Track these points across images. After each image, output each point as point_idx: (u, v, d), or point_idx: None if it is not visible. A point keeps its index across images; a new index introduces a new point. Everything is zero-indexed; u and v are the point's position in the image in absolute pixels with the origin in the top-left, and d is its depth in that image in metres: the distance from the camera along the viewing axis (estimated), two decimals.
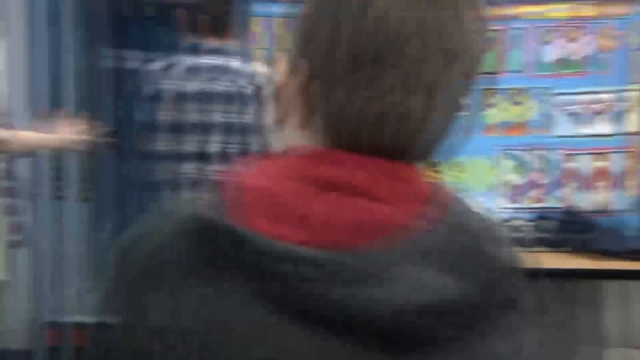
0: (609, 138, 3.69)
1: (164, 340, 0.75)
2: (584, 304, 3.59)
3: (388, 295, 0.74)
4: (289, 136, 0.89)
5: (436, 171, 0.92)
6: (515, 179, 3.71)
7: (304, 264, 0.74)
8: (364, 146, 0.82)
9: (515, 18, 3.65)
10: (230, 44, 3.05)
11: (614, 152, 3.69)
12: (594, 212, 3.66)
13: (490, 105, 3.68)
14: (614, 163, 3.69)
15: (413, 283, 0.75)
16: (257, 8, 3.61)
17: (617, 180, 3.70)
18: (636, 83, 3.66)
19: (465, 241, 0.81)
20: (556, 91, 3.68)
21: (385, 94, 0.81)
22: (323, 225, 0.77)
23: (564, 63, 3.68)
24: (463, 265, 0.79)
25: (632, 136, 3.69)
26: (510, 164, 3.70)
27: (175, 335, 0.74)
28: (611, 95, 3.68)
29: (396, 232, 0.78)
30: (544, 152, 3.69)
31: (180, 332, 0.74)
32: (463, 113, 0.86)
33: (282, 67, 0.90)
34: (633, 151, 3.68)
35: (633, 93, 3.67)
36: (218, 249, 0.76)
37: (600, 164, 3.70)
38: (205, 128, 3.01)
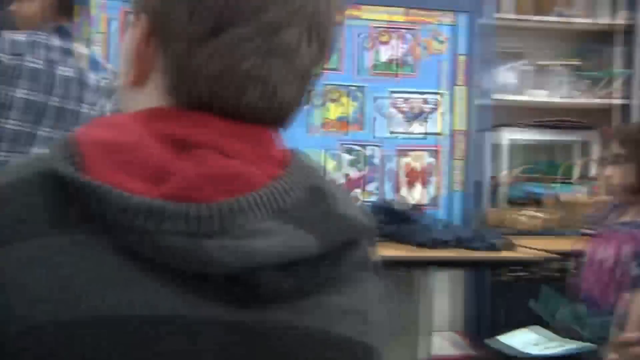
0: (436, 137, 3.81)
1: (19, 294, 0.72)
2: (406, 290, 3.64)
3: (248, 248, 0.74)
4: (132, 97, 0.87)
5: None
6: (352, 172, 3.73)
7: (159, 216, 0.73)
8: (214, 107, 0.81)
9: (351, 18, 3.65)
10: (69, 25, 2.95)
11: (428, 150, 3.81)
12: (410, 206, 3.69)
13: (331, 101, 3.70)
14: (427, 162, 3.81)
15: (270, 237, 0.76)
16: None
17: (429, 178, 3.82)
18: (460, 86, 3.81)
19: (322, 202, 0.82)
20: (382, 92, 3.73)
21: (226, 54, 0.80)
22: (178, 179, 0.75)
23: (388, 65, 3.74)
24: (320, 224, 0.80)
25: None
26: (346, 158, 3.71)
27: (31, 289, 0.71)
28: (437, 96, 3.80)
29: (254, 189, 0.77)
30: (372, 149, 3.74)
31: (35, 285, 0.71)
32: (313, 84, 0.87)
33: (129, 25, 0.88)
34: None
35: (456, 94, 3.82)
36: (71, 203, 0.74)
37: (415, 162, 3.79)
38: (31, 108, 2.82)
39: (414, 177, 3.80)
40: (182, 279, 0.73)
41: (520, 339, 2.68)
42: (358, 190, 3.72)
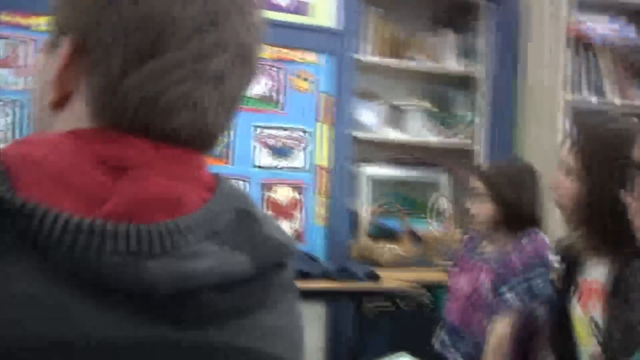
0: (302, 171, 3.87)
1: None
2: None
3: (188, 269, 0.74)
4: (50, 120, 0.84)
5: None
6: None
7: (100, 237, 0.71)
8: (142, 130, 0.79)
9: None
10: None
11: (292, 185, 3.86)
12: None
13: None
14: (291, 196, 3.86)
15: (207, 258, 0.75)
16: None
17: (293, 212, 3.86)
18: (324, 123, 3.89)
19: (251, 225, 0.82)
20: (248, 126, 3.76)
21: (158, 79, 0.79)
22: (117, 200, 0.74)
23: (254, 100, 3.75)
24: (252, 246, 0.80)
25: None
26: None
27: None
28: (301, 132, 3.87)
29: (190, 211, 0.77)
30: (245, 182, 3.76)
31: None
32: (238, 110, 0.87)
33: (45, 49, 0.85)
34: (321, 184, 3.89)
35: (319, 131, 3.89)
36: (1, 224, 0.70)
37: (280, 196, 3.84)
38: None
39: (278, 211, 3.82)
40: (122, 299, 0.71)
41: None
42: None
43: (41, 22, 3.38)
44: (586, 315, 1.92)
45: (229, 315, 0.77)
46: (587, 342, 1.88)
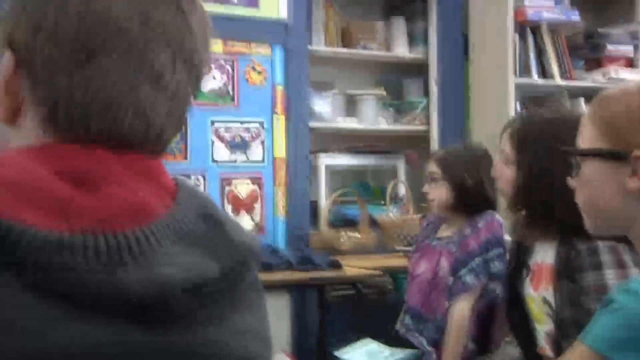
0: (260, 164, 3.88)
1: None
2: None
3: (158, 275, 0.74)
4: (8, 134, 0.83)
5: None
6: None
7: (69, 251, 0.71)
8: (91, 138, 0.79)
9: None
10: None
11: (251, 178, 3.86)
12: (249, 231, 3.70)
13: None
14: (250, 189, 3.86)
15: (176, 263, 0.76)
16: None
17: (254, 205, 3.86)
18: (279, 115, 3.90)
19: (216, 229, 0.83)
20: (204, 122, 3.75)
21: (94, 82, 0.78)
22: (85, 213, 0.74)
23: (209, 95, 3.75)
24: (218, 250, 0.81)
25: (278, 162, 3.91)
26: None
27: None
28: (257, 125, 3.88)
29: (156, 219, 0.78)
30: (196, 179, 3.74)
31: None
32: (186, 110, 0.87)
33: None
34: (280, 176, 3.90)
35: (275, 123, 3.90)
36: None
37: (239, 190, 3.84)
38: None
39: (238, 205, 3.83)
40: (95, 309, 0.71)
41: (356, 352, 2.73)
42: None
43: None
44: (539, 296, 1.94)
45: (200, 317, 0.78)
46: (542, 321, 1.91)
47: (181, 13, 0.83)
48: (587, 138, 1.32)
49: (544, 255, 1.96)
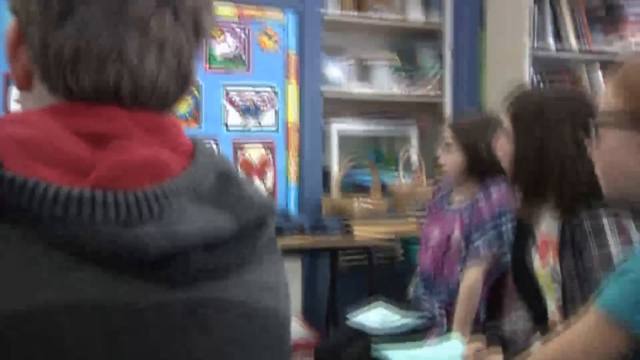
0: (272, 131, 3.89)
1: None
2: None
3: (175, 232, 0.75)
4: (24, 98, 0.86)
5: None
6: None
7: (89, 206, 0.72)
8: (102, 96, 0.80)
9: None
10: None
11: (263, 144, 3.88)
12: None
13: None
14: (262, 155, 3.89)
15: (193, 220, 0.77)
16: None
17: (266, 171, 3.88)
18: (291, 81, 3.91)
19: (231, 186, 0.83)
20: (216, 87, 3.75)
21: (78, 34, 0.78)
22: (103, 169, 0.75)
23: (221, 60, 3.77)
24: (234, 206, 0.81)
25: (290, 128, 3.93)
26: None
27: None
28: (269, 91, 3.88)
29: (173, 176, 0.78)
30: (214, 143, 3.74)
31: None
32: (188, 69, 0.85)
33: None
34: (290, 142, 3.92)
35: (287, 89, 3.91)
36: None
37: (251, 156, 3.86)
38: None
39: (250, 170, 3.84)
40: (115, 264, 0.73)
41: (369, 316, 2.74)
42: None
43: None
44: (545, 267, 1.95)
45: (217, 273, 0.79)
46: (552, 292, 1.92)
47: None
48: (610, 104, 1.32)
49: (549, 228, 1.96)
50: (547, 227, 1.97)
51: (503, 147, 2.03)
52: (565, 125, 1.37)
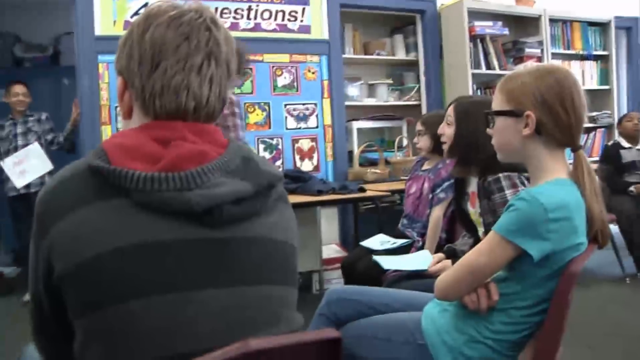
0: (315, 129, 3.88)
1: (81, 238, 0.71)
2: (308, 220, 3.57)
3: (213, 193, 0.74)
4: (127, 124, 0.85)
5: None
6: (267, 155, 3.73)
7: (157, 182, 0.72)
8: (171, 116, 0.79)
9: (258, 61, 3.69)
10: None
11: (310, 137, 3.85)
12: (310, 170, 3.80)
13: (249, 112, 3.68)
14: (310, 145, 3.86)
15: (224, 185, 0.75)
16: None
17: (312, 154, 3.86)
18: (326, 98, 3.88)
19: (250, 164, 0.81)
20: (280, 105, 3.76)
21: (162, 78, 0.78)
22: (166, 159, 0.74)
23: (282, 88, 3.77)
24: (252, 176, 0.80)
25: (326, 127, 3.91)
26: (262, 147, 3.72)
27: (88, 235, 0.71)
28: (313, 105, 3.87)
29: (211, 160, 0.77)
30: (276, 139, 3.77)
31: (92, 231, 0.71)
32: (223, 93, 0.84)
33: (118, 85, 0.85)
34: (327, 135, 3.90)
35: (323, 103, 3.88)
36: (104, 182, 0.73)
37: (303, 145, 3.83)
38: None
39: (303, 154, 3.86)
40: (176, 217, 0.73)
41: (373, 241, 2.71)
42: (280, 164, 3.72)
43: None
44: (475, 211, 1.90)
45: (243, 219, 0.78)
46: (479, 224, 1.89)
47: (210, 32, 0.82)
48: (497, 102, 1.27)
49: (474, 186, 1.90)
50: (472, 186, 1.92)
51: (446, 131, 1.98)
52: (481, 117, 1.34)
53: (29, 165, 3.53)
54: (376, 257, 2.05)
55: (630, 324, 2.84)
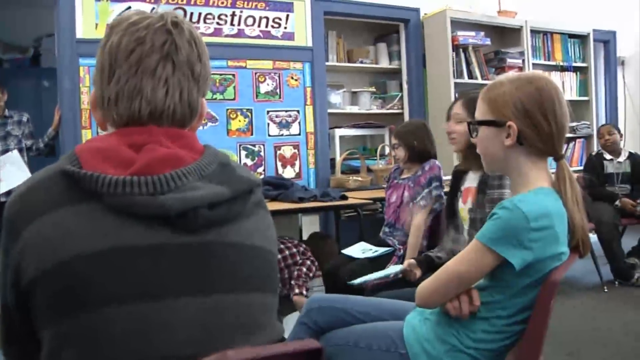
0: (297, 136, 3.86)
1: (50, 243, 0.70)
2: (288, 227, 3.61)
3: (187, 197, 0.73)
4: (103, 132, 0.84)
5: None
6: (249, 161, 3.71)
7: (130, 185, 0.71)
8: (136, 123, 0.78)
9: (241, 67, 3.66)
10: None
11: (292, 144, 3.83)
12: (292, 178, 3.77)
13: (231, 118, 3.65)
14: (292, 152, 3.84)
15: (199, 190, 0.74)
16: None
17: (294, 161, 3.84)
18: (309, 105, 3.87)
19: (227, 170, 0.80)
20: (262, 111, 3.73)
21: (117, 85, 0.77)
22: (139, 163, 0.74)
23: (264, 94, 3.74)
24: (229, 181, 0.78)
25: (309, 134, 3.89)
26: (243, 153, 3.70)
27: (55, 239, 0.70)
28: (295, 112, 3.84)
29: (185, 165, 0.76)
30: (259, 146, 3.74)
31: (64, 235, 0.70)
32: (195, 103, 0.82)
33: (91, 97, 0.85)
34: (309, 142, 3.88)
35: (306, 110, 3.86)
36: (75, 185, 0.72)
37: (285, 152, 3.82)
38: None
39: (285, 161, 3.84)
40: (150, 221, 0.72)
41: (354, 249, 2.72)
42: (262, 171, 3.71)
43: None
44: (465, 207, 1.91)
45: (220, 223, 0.76)
46: (466, 220, 1.90)
47: (169, 34, 0.80)
48: (480, 112, 1.26)
49: (471, 181, 1.91)
50: (469, 182, 1.92)
51: (456, 129, 1.95)
52: None
53: (6, 173, 3.44)
54: (351, 281, 2.05)
55: (609, 332, 2.87)
